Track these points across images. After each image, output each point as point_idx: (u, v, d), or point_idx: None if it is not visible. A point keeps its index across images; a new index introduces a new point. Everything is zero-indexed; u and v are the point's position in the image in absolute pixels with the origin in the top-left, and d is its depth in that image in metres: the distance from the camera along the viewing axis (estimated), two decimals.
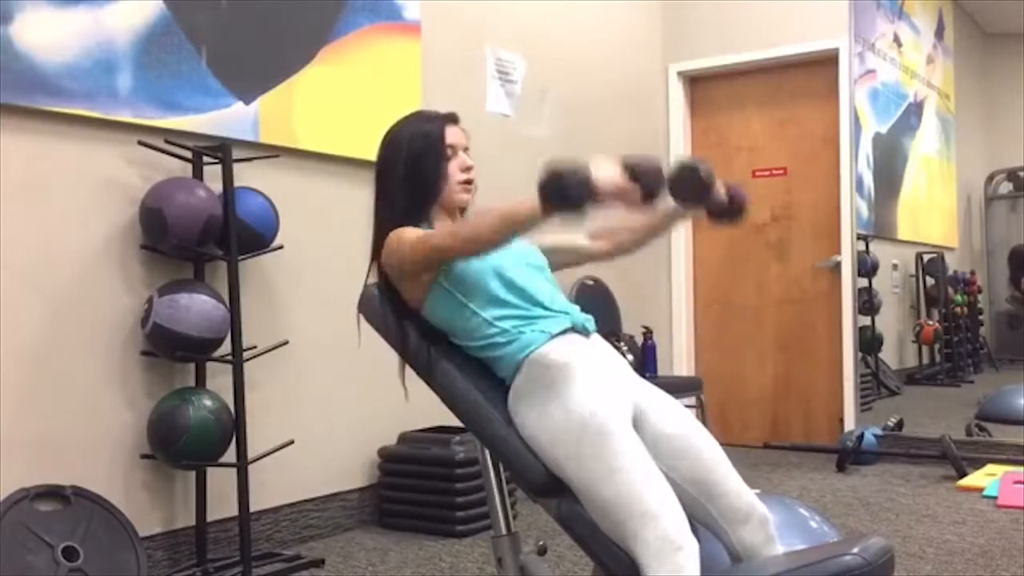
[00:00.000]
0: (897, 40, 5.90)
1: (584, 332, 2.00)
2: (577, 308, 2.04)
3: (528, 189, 1.77)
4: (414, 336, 2.02)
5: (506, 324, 1.94)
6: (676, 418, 1.97)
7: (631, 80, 5.55)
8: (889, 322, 5.85)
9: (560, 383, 1.87)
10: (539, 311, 1.98)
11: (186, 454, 2.96)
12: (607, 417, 1.84)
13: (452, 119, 2.14)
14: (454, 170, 2.08)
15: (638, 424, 1.92)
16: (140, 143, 3.05)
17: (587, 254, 2.29)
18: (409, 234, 1.97)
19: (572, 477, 1.83)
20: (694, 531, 1.87)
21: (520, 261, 2.05)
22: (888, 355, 5.83)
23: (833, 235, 5.40)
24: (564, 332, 1.96)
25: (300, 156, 3.60)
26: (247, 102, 3.40)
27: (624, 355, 4.51)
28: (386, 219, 2.08)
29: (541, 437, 1.87)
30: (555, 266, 2.20)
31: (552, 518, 1.91)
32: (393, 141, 2.11)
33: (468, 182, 2.09)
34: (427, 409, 3.63)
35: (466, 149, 2.12)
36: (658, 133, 5.80)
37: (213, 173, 3.17)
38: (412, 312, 2.04)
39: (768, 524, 1.92)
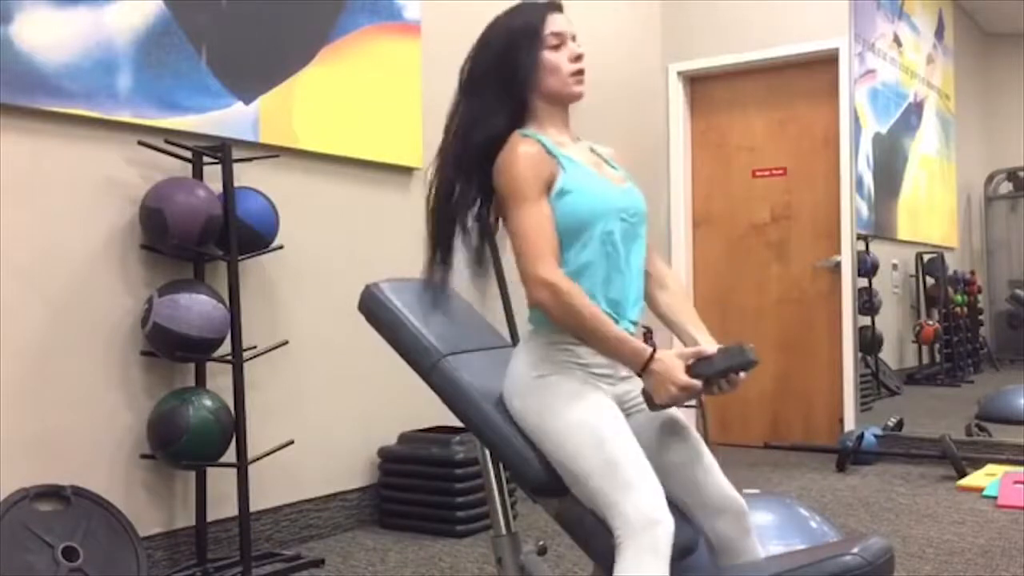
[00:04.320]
0: (897, 40, 5.90)
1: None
2: (638, 306, 1.98)
3: None
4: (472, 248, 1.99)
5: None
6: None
7: (631, 80, 5.55)
8: (889, 322, 5.85)
9: (554, 365, 1.88)
10: (603, 298, 1.90)
11: (186, 454, 2.96)
12: (588, 390, 1.86)
13: (555, 7, 1.99)
14: (562, 60, 1.95)
15: (621, 408, 1.93)
16: (140, 143, 3.05)
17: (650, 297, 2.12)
18: (531, 200, 1.84)
19: (553, 446, 1.83)
20: (687, 526, 1.88)
21: (627, 234, 1.93)
22: (888, 355, 5.83)
23: (833, 235, 5.40)
24: None
25: (300, 156, 3.60)
26: (247, 102, 3.40)
27: None
28: (471, 113, 1.94)
29: (525, 412, 1.88)
30: None
31: (552, 518, 1.91)
32: (487, 32, 1.99)
33: (580, 72, 1.98)
34: (427, 409, 3.65)
35: (574, 37, 1.99)
36: (658, 133, 5.80)
37: (213, 173, 3.17)
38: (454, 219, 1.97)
39: (744, 517, 1.94)
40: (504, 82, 1.94)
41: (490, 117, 1.94)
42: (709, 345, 1.95)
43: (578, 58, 1.98)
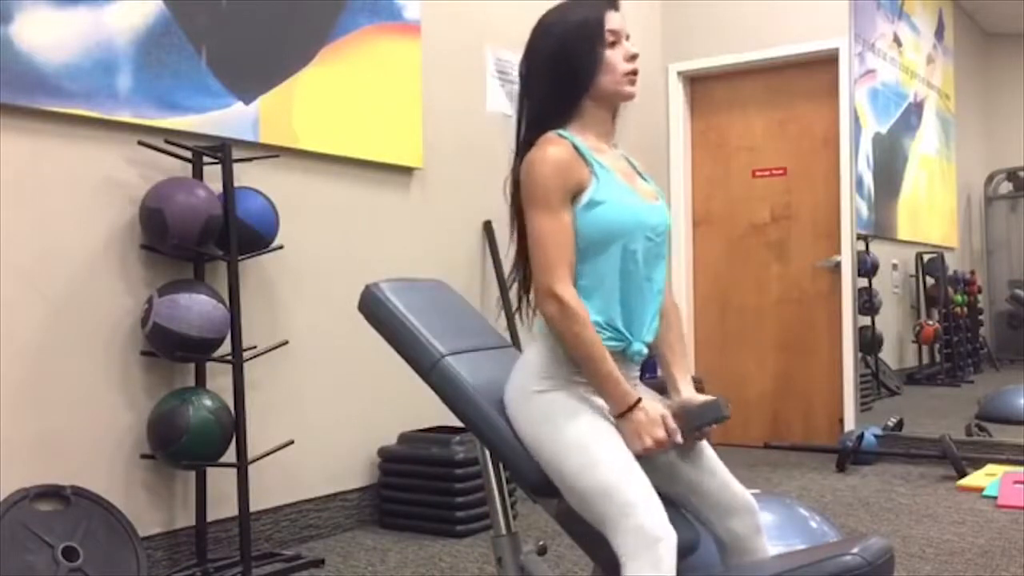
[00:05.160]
0: (897, 40, 5.90)
1: (633, 359, 1.92)
2: (653, 326, 1.95)
3: None
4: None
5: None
6: None
7: None
8: (889, 322, 5.85)
9: (556, 380, 1.87)
10: (619, 316, 1.88)
11: (186, 454, 2.96)
12: (588, 407, 1.84)
13: (613, 3, 1.94)
14: (617, 59, 1.90)
15: None
16: (140, 143, 3.05)
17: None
18: (547, 206, 1.81)
19: (551, 463, 1.82)
20: (683, 522, 1.88)
21: (650, 253, 1.91)
22: (888, 355, 5.83)
23: (833, 235, 5.40)
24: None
25: (300, 156, 3.60)
26: (247, 102, 3.40)
27: None
28: (533, 120, 1.93)
29: (525, 424, 1.87)
30: None
31: (552, 518, 1.92)
32: (542, 27, 1.94)
33: (634, 72, 1.93)
34: (427, 409, 3.65)
35: (628, 37, 1.94)
36: (658, 133, 5.80)
37: (213, 173, 3.17)
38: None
39: (755, 515, 1.94)
40: (561, 80, 1.90)
41: (546, 120, 1.91)
42: (687, 391, 1.98)
43: (633, 58, 1.94)
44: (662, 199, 2.01)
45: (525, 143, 1.92)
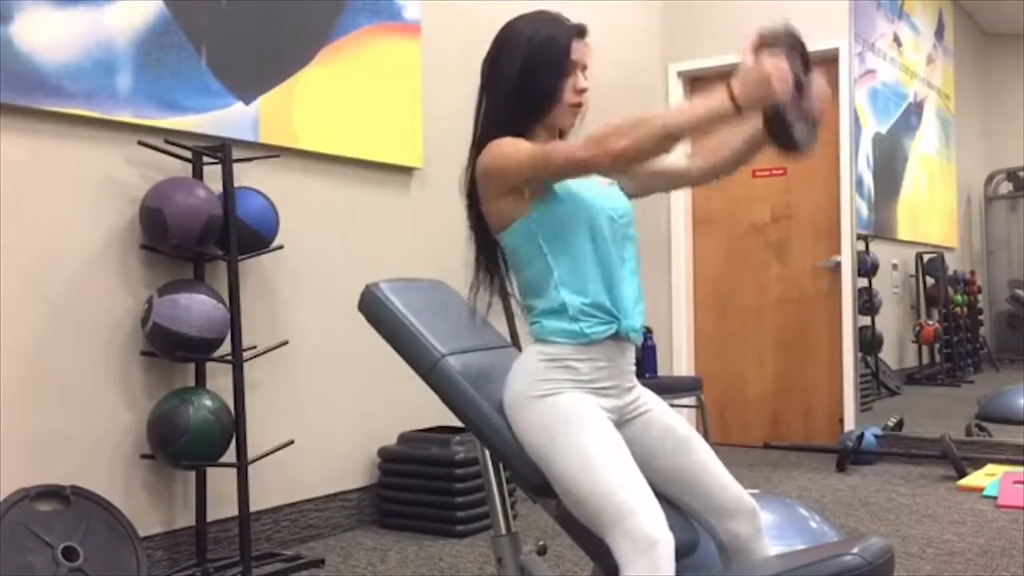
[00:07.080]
0: (897, 40, 5.90)
1: (628, 337, 1.92)
2: (639, 308, 1.95)
3: None
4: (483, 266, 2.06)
5: (566, 296, 1.88)
6: (659, 413, 1.98)
7: (631, 80, 5.55)
8: (889, 322, 5.85)
9: (553, 383, 1.87)
10: (603, 295, 1.88)
11: (186, 454, 2.96)
12: (586, 410, 1.84)
13: (581, 32, 1.96)
14: (567, 90, 1.93)
15: (623, 419, 1.93)
16: (140, 143, 3.05)
17: (685, 176, 2.13)
18: (524, 144, 1.85)
19: (550, 467, 1.83)
20: (687, 525, 1.88)
21: (617, 234, 1.93)
22: (888, 355, 5.83)
23: (833, 235, 5.40)
24: (604, 339, 1.88)
25: (300, 156, 3.60)
26: (247, 102, 3.40)
27: None
28: (487, 125, 1.96)
29: (523, 429, 1.87)
30: (647, 188, 2.09)
31: (552, 518, 1.92)
32: (511, 39, 1.95)
33: (578, 105, 1.95)
34: (427, 409, 3.65)
35: (585, 68, 1.96)
36: None
37: (213, 173, 3.17)
38: (489, 236, 2.01)
39: (756, 518, 1.94)
40: (522, 96, 1.93)
41: (501, 128, 1.94)
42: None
43: (581, 92, 1.95)
44: (616, 186, 2.04)
45: (481, 141, 1.96)
